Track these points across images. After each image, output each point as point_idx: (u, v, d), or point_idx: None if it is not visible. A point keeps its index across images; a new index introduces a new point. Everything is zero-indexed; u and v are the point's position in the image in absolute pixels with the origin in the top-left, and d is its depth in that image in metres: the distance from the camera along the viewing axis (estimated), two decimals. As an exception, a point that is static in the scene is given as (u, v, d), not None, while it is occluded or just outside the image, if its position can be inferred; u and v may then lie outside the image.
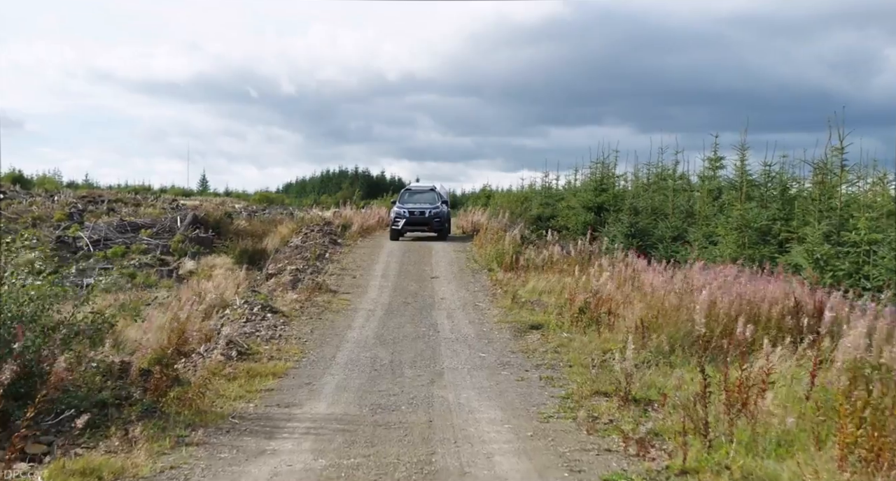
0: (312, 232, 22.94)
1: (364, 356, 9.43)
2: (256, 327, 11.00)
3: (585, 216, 23.76)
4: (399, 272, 17.06)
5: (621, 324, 10.09)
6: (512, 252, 16.84)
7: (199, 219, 23.56)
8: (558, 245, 16.84)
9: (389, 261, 18.66)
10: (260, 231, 24.68)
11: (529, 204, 30.70)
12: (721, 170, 22.68)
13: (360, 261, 18.80)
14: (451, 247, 21.72)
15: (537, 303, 12.94)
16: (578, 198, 25.46)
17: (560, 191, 29.83)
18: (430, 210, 23.73)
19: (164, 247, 21.67)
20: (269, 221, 27.00)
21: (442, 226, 23.79)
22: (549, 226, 25.96)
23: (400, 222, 23.30)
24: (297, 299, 13.33)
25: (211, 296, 13.70)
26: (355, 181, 69.10)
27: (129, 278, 17.50)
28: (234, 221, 25.20)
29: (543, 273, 15.50)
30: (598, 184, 24.44)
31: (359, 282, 15.67)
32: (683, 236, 19.71)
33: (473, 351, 9.74)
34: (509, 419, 6.45)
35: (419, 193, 25.03)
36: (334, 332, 10.96)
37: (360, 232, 24.41)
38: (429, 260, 19.00)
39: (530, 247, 18.26)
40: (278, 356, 9.34)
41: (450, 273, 17.05)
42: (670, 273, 11.63)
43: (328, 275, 16.40)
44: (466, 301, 13.75)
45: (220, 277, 18.16)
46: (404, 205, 24.08)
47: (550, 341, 10.13)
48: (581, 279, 12.42)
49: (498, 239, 18.54)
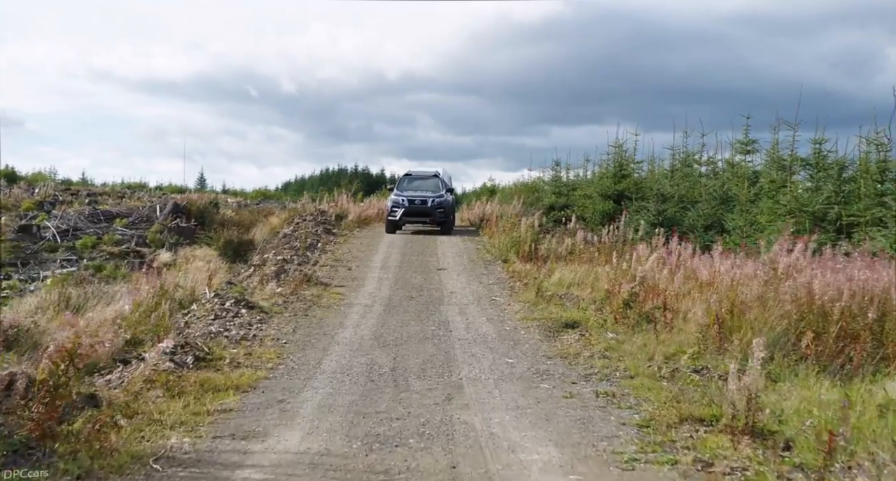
0: (304, 221, 20.82)
1: (358, 362, 7.34)
2: (226, 326, 8.90)
3: (604, 205, 21.60)
4: (401, 263, 14.97)
5: (683, 322, 8.00)
6: (530, 240, 14.73)
7: (180, 208, 21.45)
8: (581, 232, 14.71)
9: (390, 252, 16.55)
10: (248, 221, 22.59)
11: (540, 194, 28.60)
12: (752, 154, 20.71)
13: (356, 251, 16.69)
14: (458, 237, 19.60)
15: (567, 297, 10.84)
16: (596, 186, 23.33)
17: (573, 181, 27.65)
18: (433, 199, 20.46)
19: (141, 238, 19.56)
20: (259, 211, 24.89)
21: (446, 217, 20.65)
22: (565, 216, 23.89)
23: (397, 212, 20.12)
24: (280, 293, 11.23)
25: (181, 290, 11.62)
26: (354, 178, 67.37)
27: (94, 271, 15.40)
28: (219, 211, 23.07)
29: (569, 263, 13.40)
30: (617, 170, 22.29)
31: (354, 274, 13.57)
32: (718, 224, 17.64)
33: (498, 355, 7.64)
34: (573, 463, 4.32)
35: (420, 180, 21.74)
36: (322, 332, 8.86)
37: (358, 222, 22.24)
38: (434, 250, 16.90)
39: (548, 236, 16.18)
40: (247, 362, 7.24)
41: (459, 264, 14.95)
42: (732, 259, 9.53)
43: (319, 266, 14.28)
44: (481, 295, 11.65)
45: (196, 270, 16.08)
46: (403, 192, 20.69)
47: (593, 343, 8.03)
48: (619, 268, 10.33)
49: (512, 227, 16.43)
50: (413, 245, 17.87)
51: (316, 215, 22.22)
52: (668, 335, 7.83)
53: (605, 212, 21.67)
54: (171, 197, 23.65)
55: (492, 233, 17.93)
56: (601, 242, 14.11)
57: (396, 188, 21.30)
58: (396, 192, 20.77)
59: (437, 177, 21.96)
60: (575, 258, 13.62)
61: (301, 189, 68.27)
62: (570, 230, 16.10)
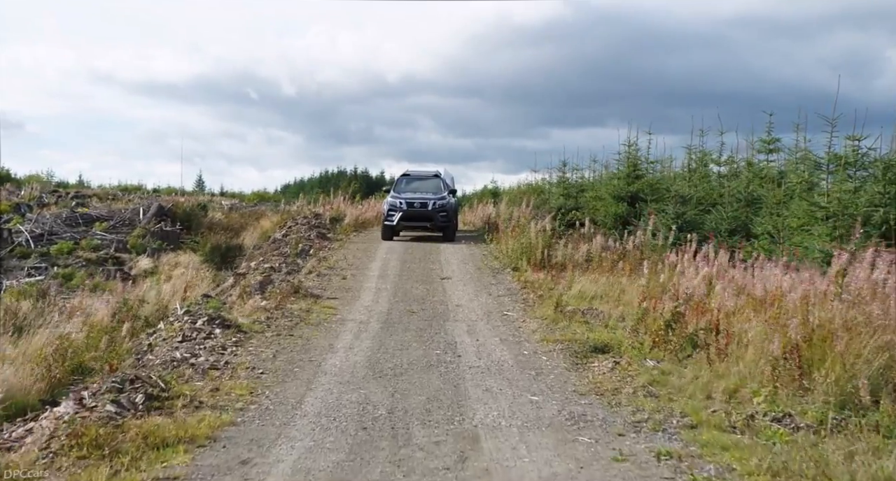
0: (297, 225, 19.47)
1: (348, 400, 5.98)
2: (194, 350, 7.53)
3: (617, 207, 20.25)
4: (401, 271, 13.61)
5: (739, 348, 6.65)
6: (542, 246, 13.37)
7: (164, 211, 20.10)
8: (599, 237, 13.34)
9: (389, 259, 15.19)
10: (238, 225, 21.24)
11: (546, 196, 27.25)
12: (775, 153, 19.39)
13: (352, 258, 15.33)
14: (462, 242, 18.24)
15: (591, 312, 9.48)
16: (608, 187, 21.98)
17: (581, 182, 26.27)
18: (434, 201, 18.28)
19: (121, 244, 18.20)
20: (251, 214, 23.54)
21: (448, 222, 18.52)
22: (576, 219, 22.51)
23: (395, 216, 18.02)
24: (263, 307, 9.87)
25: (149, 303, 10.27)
26: (354, 180, 66.23)
27: (63, 280, 14.05)
28: (208, 214, 21.70)
29: (587, 272, 12.04)
30: (630, 170, 20.93)
31: (349, 284, 12.20)
32: (743, 228, 16.32)
33: (518, 390, 6.28)
34: None
35: (420, 180, 19.68)
36: (308, 357, 7.50)
37: (355, 225, 20.86)
38: (437, 257, 15.54)
39: (561, 241, 14.83)
40: (212, 401, 5.87)
41: (464, 272, 13.59)
42: (793, 271, 8.18)
43: (310, 275, 12.91)
44: (490, 309, 10.30)
45: (178, 278, 14.75)
46: (401, 194, 18.57)
47: (633, 374, 6.66)
48: (654, 279, 8.97)
49: (522, 231, 15.07)
50: (414, 251, 16.52)
51: (310, 218, 20.87)
52: (723, 365, 6.47)
53: (617, 214, 20.32)
54: (156, 199, 22.27)
55: (499, 238, 16.59)
56: (623, 249, 12.74)
57: (393, 190, 19.21)
58: (393, 194, 18.72)
59: (439, 177, 20.08)
60: (594, 267, 12.26)
61: (300, 191, 67.15)
62: (586, 235, 14.73)
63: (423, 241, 18.32)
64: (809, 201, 13.83)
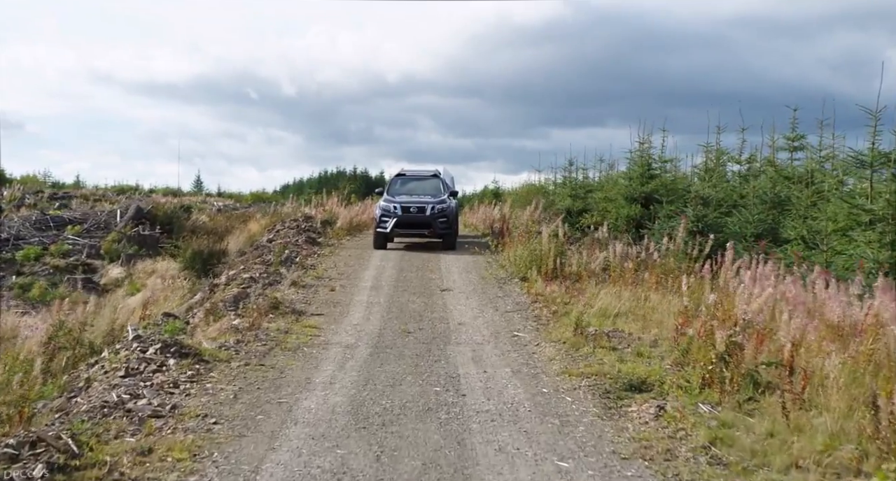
0: (286, 228, 18.04)
1: (320, 468, 4.56)
2: (137, 388, 6.11)
3: (629, 209, 18.83)
4: (396, 281, 12.19)
5: (820, 394, 5.24)
6: (554, 254, 11.94)
7: (143, 213, 18.67)
8: (618, 244, 11.92)
9: (383, 267, 13.77)
10: (223, 228, 19.80)
11: (553, 197, 25.81)
12: (799, 151, 17.99)
13: (343, 266, 13.90)
14: (464, 248, 16.83)
15: (617, 335, 8.05)
16: (619, 187, 20.55)
17: (590, 182, 24.82)
18: (433, 205, 16.24)
19: (94, 249, 16.79)
20: (238, 217, 22.11)
21: (449, 228, 16.45)
22: (587, 222, 21.08)
23: (388, 222, 15.94)
24: (234, 327, 8.45)
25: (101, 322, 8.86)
26: (353, 180, 65.04)
27: (20, 291, 12.62)
28: (191, 216, 20.25)
29: (606, 284, 10.63)
30: (644, 169, 19.50)
31: (337, 298, 10.79)
32: (770, 232, 14.92)
33: (541, 451, 4.86)
34: None
35: (416, 181, 17.72)
36: (277, 398, 6.08)
37: (348, 229, 19.40)
38: (437, 265, 14.11)
39: (573, 247, 13.41)
40: (136, 472, 4.44)
41: (467, 283, 12.17)
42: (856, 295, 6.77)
43: (295, 287, 11.48)
44: (498, 328, 8.89)
45: (151, 289, 13.35)
46: (395, 197, 16.58)
47: (685, 426, 5.23)
48: (695, 297, 7.55)
49: (530, 236, 13.64)
50: (411, 258, 15.10)
51: (300, 221, 19.44)
52: (802, 415, 5.05)
53: (630, 217, 18.90)
54: (136, 200, 20.81)
55: (504, 243, 15.16)
56: (646, 257, 11.31)
57: (386, 192, 17.14)
58: (387, 198, 16.64)
59: (437, 177, 18.02)
60: (613, 278, 10.84)
61: (300, 191, 66.00)
62: (601, 240, 13.29)
63: (421, 248, 16.89)
64: (851, 203, 12.43)
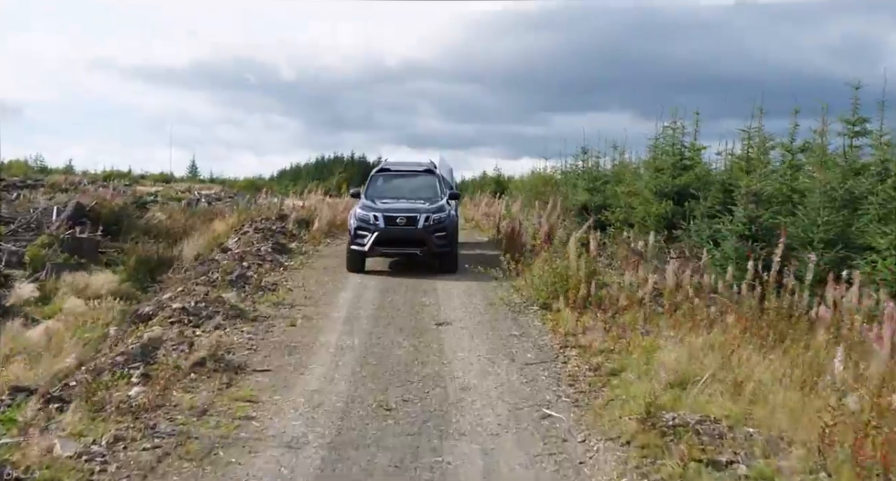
0: (253, 231, 15.13)
1: None
2: None
3: (659, 206, 15.93)
4: (378, 309, 9.31)
5: None
6: (586, 273, 9.04)
7: (84, 211, 15.73)
8: (674, 262, 9.03)
9: (364, 285, 10.88)
10: (182, 228, 16.87)
11: (564, 189, 22.84)
12: (861, 137, 15.08)
13: (314, 284, 10.99)
14: (466, 257, 13.89)
15: (710, 429, 5.16)
16: (646, 180, 17.62)
17: (605, 172, 21.73)
18: (427, 214, 11.95)
19: (17, 256, 13.85)
20: (204, 214, 19.15)
21: (448, 245, 12.14)
22: (605, 221, 18.16)
23: (366, 238, 11.68)
24: (126, 407, 5.56)
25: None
26: (349, 166, 62.43)
27: None
28: (145, 214, 17.24)
29: (662, 319, 7.74)
30: (676, 158, 16.57)
31: (297, 338, 7.90)
32: (841, 238, 12.05)
33: None
34: None
35: (404, 177, 13.38)
36: None
37: (327, 232, 16.36)
38: (432, 284, 11.18)
39: (603, 257, 10.52)
40: None
41: (470, 312, 9.28)
42: None
43: (242, 321, 8.58)
44: (519, 399, 6.03)
45: (70, 315, 10.49)
46: (376, 202, 12.35)
47: None
48: (801, 353, 4.68)
49: (555, 248, 10.69)
50: (400, 273, 12.18)
51: (272, 221, 16.52)
52: None
53: (660, 216, 16.00)
54: (78, 194, 17.80)
55: (514, 253, 12.23)
56: (699, 276, 8.40)
57: (365, 194, 12.77)
58: (365, 203, 12.33)
59: (432, 173, 13.49)
60: (688, 315, 7.89)
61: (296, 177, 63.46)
62: (647, 253, 10.39)
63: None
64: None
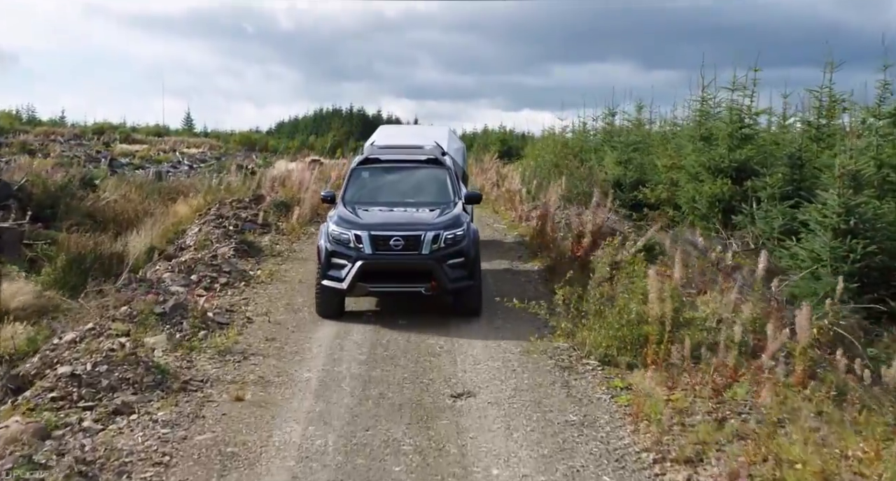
0: (217, 218, 12.17)
1: None
2: None
3: (713, 185, 12.96)
4: (367, 366, 6.42)
5: None
6: (671, 313, 6.11)
7: (10, 191, 12.77)
8: (805, 307, 6.10)
9: (348, 330, 7.95)
10: (136, 214, 13.90)
11: (588, 158, 19.63)
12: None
13: (282, 311, 8.07)
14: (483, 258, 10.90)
15: None
16: (690, 151, 14.58)
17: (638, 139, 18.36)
18: (436, 230, 7.87)
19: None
20: (167, 192, 16.13)
21: (468, 276, 8.02)
22: (644, 200, 15.13)
23: (343, 270, 7.79)
24: None
25: None
26: (348, 120, 59.35)
27: None
28: (89, 194, 14.19)
29: (793, 395, 4.89)
30: (735, 127, 13.48)
31: (239, 435, 5.04)
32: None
33: None
34: None
35: (399, 171, 9.34)
36: None
37: (310, 218, 13.33)
38: (442, 318, 8.19)
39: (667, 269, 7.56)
40: None
41: (501, 371, 6.38)
42: None
43: (161, 396, 5.71)
44: None
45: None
46: (358, 212, 8.35)
47: None
48: None
49: (622, 274, 7.54)
50: (396, 311, 9.22)
51: (246, 204, 13.54)
52: None
53: (714, 197, 13.06)
54: (6, 170, 14.70)
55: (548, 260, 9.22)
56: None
57: (342, 198, 8.74)
58: (342, 213, 8.27)
59: (440, 163, 9.31)
60: (815, 387, 5.06)
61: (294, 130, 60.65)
62: (743, 274, 7.40)
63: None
64: None
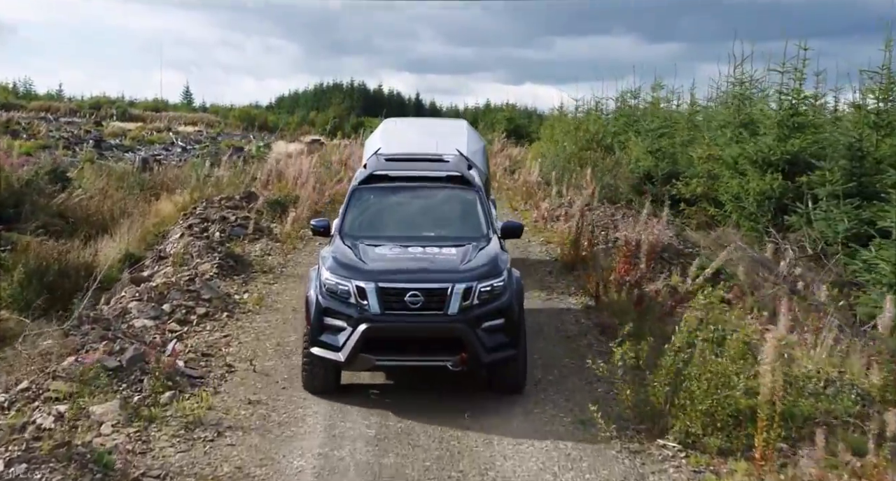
0: (201, 223, 10.70)
1: None
2: None
3: (760, 180, 11.48)
4: (377, 456, 4.98)
5: None
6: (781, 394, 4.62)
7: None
8: None
9: (349, 396, 6.38)
10: (112, 213, 12.40)
11: (611, 144, 18.02)
12: None
13: (271, 354, 6.57)
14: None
15: None
16: (727, 140, 13.05)
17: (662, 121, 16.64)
18: (468, 283, 5.58)
19: None
20: (150, 187, 14.59)
21: (509, 344, 5.68)
22: (678, 195, 13.52)
23: (340, 334, 5.57)
24: None
25: None
26: (348, 95, 57.61)
27: None
28: (60, 193, 12.64)
29: None
30: (787, 114, 11.91)
31: None
32: None
33: None
34: None
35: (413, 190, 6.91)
36: None
37: (312, 213, 11.69)
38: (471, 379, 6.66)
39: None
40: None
41: (549, 463, 4.91)
42: None
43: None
44: None
45: None
46: (359, 249, 6.07)
47: None
48: None
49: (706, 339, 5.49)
50: (410, 384, 7.60)
51: (237, 202, 12.05)
52: None
53: (763, 194, 11.57)
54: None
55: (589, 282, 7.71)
56: None
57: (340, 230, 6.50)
58: (339, 249, 6.12)
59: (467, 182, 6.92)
60: None
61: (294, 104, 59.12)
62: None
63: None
64: None
